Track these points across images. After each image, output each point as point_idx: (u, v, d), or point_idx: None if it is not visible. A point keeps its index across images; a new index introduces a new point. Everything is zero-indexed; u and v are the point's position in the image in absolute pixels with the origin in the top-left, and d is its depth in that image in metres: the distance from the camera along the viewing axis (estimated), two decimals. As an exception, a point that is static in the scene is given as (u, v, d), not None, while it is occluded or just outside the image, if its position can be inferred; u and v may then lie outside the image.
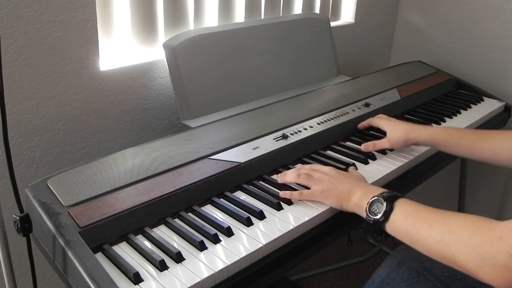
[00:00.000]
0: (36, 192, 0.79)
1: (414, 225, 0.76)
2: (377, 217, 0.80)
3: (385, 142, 1.11)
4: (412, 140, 1.09)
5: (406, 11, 1.89)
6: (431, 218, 0.75)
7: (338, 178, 0.90)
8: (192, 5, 1.24)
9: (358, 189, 0.87)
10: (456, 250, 0.69)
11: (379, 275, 1.01)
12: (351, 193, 0.87)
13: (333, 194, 0.88)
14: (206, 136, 1.02)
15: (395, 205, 0.80)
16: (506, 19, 1.61)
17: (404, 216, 0.78)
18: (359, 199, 0.85)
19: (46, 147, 1.05)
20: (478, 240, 0.67)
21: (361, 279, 1.84)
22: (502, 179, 1.76)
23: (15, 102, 0.98)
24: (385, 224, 0.80)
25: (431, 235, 0.73)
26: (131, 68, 1.15)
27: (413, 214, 0.77)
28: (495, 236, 0.66)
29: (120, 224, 0.78)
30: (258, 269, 0.77)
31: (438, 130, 1.08)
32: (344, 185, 0.89)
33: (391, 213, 0.79)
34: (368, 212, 0.82)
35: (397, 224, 0.78)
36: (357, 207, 0.85)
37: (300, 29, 1.41)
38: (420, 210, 0.77)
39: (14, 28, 0.93)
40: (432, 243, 0.73)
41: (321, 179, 0.91)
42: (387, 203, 0.80)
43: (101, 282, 0.65)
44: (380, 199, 0.81)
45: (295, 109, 1.20)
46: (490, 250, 0.65)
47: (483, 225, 0.68)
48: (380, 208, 0.80)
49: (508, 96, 1.65)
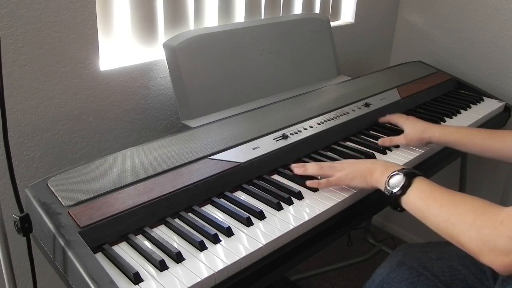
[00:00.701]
0: (36, 192, 0.79)
1: (427, 203, 0.80)
2: (395, 190, 0.84)
3: (401, 138, 1.15)
4: (427, 139, 1.13)
5: (406, 11, 1.89)
6: (443, 198, 0.78)
7: (357, 162, 0.96)
8: (192, 5, 1.24)
9: (379, 165, 0.91)
10: (461, 230, 0.72)
11: (379, 274, 1.01)
12: (373, 168, 0.91)
13: (357, 174, 0.92)
14: (206, 136, 1.02)
15: (413, 181, 0.83)
16: (506, 19, 1.61)
17: (419, 194, 0.82)
18: (380, 174, 0.89)
19: (46, 147, 1.05)
20: (481, 223, 0.70)
21: (361, 279, 1.84)
22: (502, 179, 1.76)
23: (15, 102, 0.98)
24: (401, 198, 0.83)
25: (440, 214, 0.77)
26: (131, 68, 1.15)
27: (427, 193, 0.81)
28: (497, 220, 0.68)
29: (120, 224, 0.78)
30: (258, 269, 0.77)
31: (451, 130, 1.13)
32: (365, 164, 0.94)
33: (408, 188, 0.83)
34: (387, 185, 0.86)
35: (411, 200, 0.82)
36: (378, 182, 0.89)
37: (300, 29, 1.41)
38: (434, 190, 0.81)
39: (14, 28, 0.93)
40: (440, 221, 0.76)
41: (343, 166, 0.95)
42: (406, 178, 0.83)
43: (101, 282, 0.65)
44: (400, 173, 0.85)
45: (295, 109, 1.20)
46: (491, 233, 0.68)
47: (488, 209, 0.71)
48: (399, 182, 0.84)
49: (508, 96, 1.65)
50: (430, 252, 1.02)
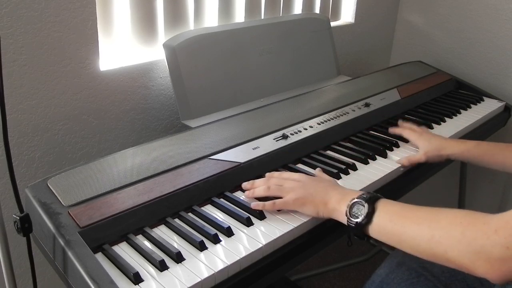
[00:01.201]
0: (36, 192, 0.79)
1: (401, 225, 0.72)
2: (359, 219, 0.76)
3: (421, 157, 1.09)
4: (446, 156, 1.10)
5: (406, 11, 1.89)
6: (418, 216, 0.72)
7: (310, 184, 0.86)
8: (192, 5, 1.24)
9: (333, 193, 0.83)
10: (448, 246, 0.67)
11: (379, 275, 1.01)
12: (327, 197, 0.83)
13: (307, 201, 0.84)
14: (206, 136, 1.02)
15: (377, 205, 0.77)
16: (506, 19, 1.61)
17: (388, 216, 0.75)
18: (336, 203, 0.81)
19: (46, 147, 1.05)
20: (472, 234, 0.65)
21: (361, 279, 1.84)
22: (502, 179, 1.76)
23: (15, 102, 0.98)
24: (368, 226, 0.76)
25: (420, 234, 0.70)
26: (131, 68, 1.15)
27: (398, 213, 0.74)
28: (489, 229, 0.64)
29: (120, 224, 0.78)
30: (258, 269, 0.77)
31: (471, 146, 1.09)
32: (319, 190, 0.84)
33: (373, 215, 0.76)
34: (349, 215, 0.78)
35: (382, 226, 0.75)
36: (336, 212, 0.81)
37: (300, 29, 1.41)
38: (404, 209, 0.75)
39: (14, 28, 0.93)
40: (421, 241, 0.70)
41: (293, 187, 0.86)
42: (368, 204, 0.76)
43: (101, 282, 0.65)
44: (360, 201, 0.78)
45: (295, 109, 1.20)
46: (485, 243, 0.64)
47: (475, 219, 0.66)
48: (362, 210, 0.77)
49: (508, 96, 1.65)
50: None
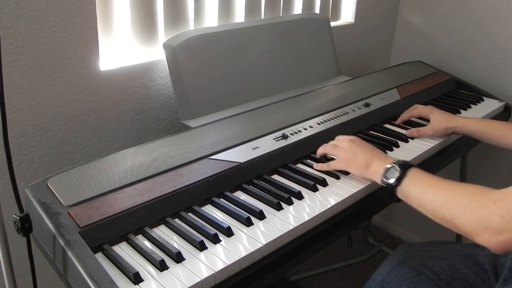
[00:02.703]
0: (36, 192, 0.79)
1: (422, 190, 0.82)
2: (391, 181, 0.87)
3: (428, 129, 1.21)
4: (452, 129, 1.19)
5: (406, 11, 1.89)
6: (437, 184, 0.81)
7: (358, 147, 0.98)
8: (192, 5, 1.24)
9: (376, 157, 0.94)
10: (456, 213, 0.75)
11: (380, 274, 1.01)
12: (370, 161, 0.94)
13: (353, 162, 0.96)
14: (206, 136, 1.02)
15: (408, 172, 0.86)
16: (506, 19, 1.61)
17: (414, 182, 0.85)
18: (377, 166, 0.92)
19: (46, 147, 1.05)
20: (476, 204, 0.73)
21: (361, 279, 1.84)
22: (502, 179, 1.76)
23: (15, 102, 0.98)
24: (397, 188, 0.87)
25: (436, 199, 0.79)
26: (131, 68, 1.15)
27: (422, 180, 0.84)
28: (490, 200, 0.72)
29: (120, 224, 0.78)
30: (258, 269, 0.77)
31: (474, 120, 1.18)
32: (365, 153, 0.96)
33: (403, 179, 0.86)
34: (383, 177, 0.89)
35: (407, 189, 0.85)
36: (375, 174, 0.92)
37: (300, 29, 1.41)
38: (429, 177, 0.84)
39: (14, 28, 0.93)
40: (436, 206, 0.79)
41: (345, 147, 0.99)
42: (401, 169, 0.87)
43: (101, 282, 0.65)
44: (395, 166, 0.88)
45: (295, 109, 1.20)
46: (485, 213, 0.71)
47: (481, 191, 0.74)
48: (394, 173, 0.87)
49: (508, 96, 1.65)
50: (431, 251, 1.02)
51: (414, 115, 1.30)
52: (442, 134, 1.20)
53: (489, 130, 1.15)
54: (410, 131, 1.21)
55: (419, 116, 1.29)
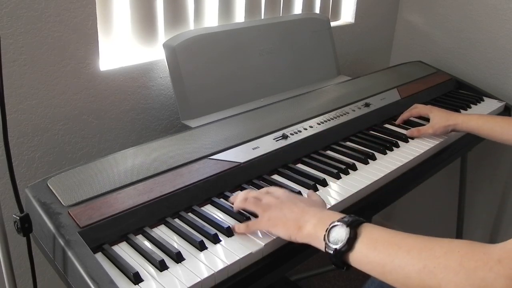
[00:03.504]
0: (36, 192, 0.79)
1: (387, 253, 0.64)
2: (338, 246, 0.67)
3: (428, 128, 1.20)
4: (452, 126, 1.19)
5: (406, 11, 1.89)
6: (407, 243, 0.64)
7: (287, 203, 0.78)
8: (192, 5, 1.24)
9: (309, 216, 0.74)
10: (443, 278, 0.59)
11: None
12: (302, 221, 0.74)
13: (280, 222, 0.76)
14: (206, 136, 1.02)
15: (361, 230, 0.68)
16: (506, 19, 1.61)
17: (372, 244, 0.66)
18: (312, 228, 0.72)
19: (46, 147, 1.05)
20: (472, 265, 0.57)
21: (361, 279, 1.84)
22: (502, 179, 1.76)
23: (15, 102, 0.98)
24: (348, 254, 0.67)
25: (410, 263, 0.62)
26: (131, 68, 1.15)
27: (384, 240, 0.66)
28: (492, 259, 0.57)
29: (120, 224, 0.78)
30: (258, 269, 0.77)
31: (473, 117, 1.18)
32: (295, 211, 0.76)
33: (356, 241, 0.67)
34: (328, 241, 0.69)
35: (364, 253, 0.66)
36: (311, 238, 0.72)
37: (300, 29, 1.41)
38: (392, 235, 0.66)
39: (14, 28, 0.93)
40: (412, 272, 0.61)
41: (270, 204, 0.79)
42: (350, 229, 0.68)
43: (101, 282, 0.65)
44: (341, 224, 0.69)
45: (295, 109, 1.20)
46: (487, 275, 0.56)
47: (474, 248, 0.59)
48: (341, 235, 0.68)
49: (508, 96, 1.65)
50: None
51: (414, 115, 1.30)
52: (442, 132, 1.20)
53: (489, 126, 1.14)
54: (410, 131, 1.21)
55: (419, 115, 1.30)
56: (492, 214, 1.81)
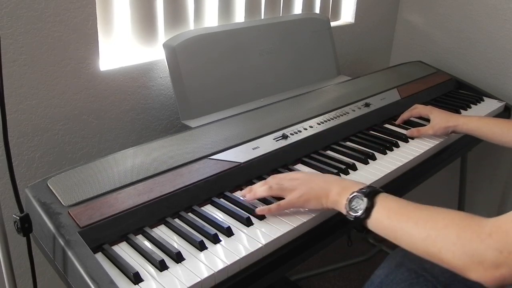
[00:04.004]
0: (36, 192, 0.79)
1: (398, 221, 0.73)
2: (358, 214, 0.77)
3: (428, 128, 1.20)
4: (452, 127, 1.19)
5: (406, 11, 1.89)
6: (416, 214, 0.72)
7: (310, 179, 0.87)
8: (192, 5, 1.24)
9: (334, 184, 0.83)
10: (443, 247, 0.67)
11: (378, 276, 1.01)
12: (328, 189, 0.83)
13: (311, 196, 0.84)
14: (206, 136, 1.02)
15: (376, 200, 0.77)
16: (506, 19, 1.61)
17: (386, 212, 0.75)
18: (337, 195, 0.82)
19: (46, 147, 1.05)
20: (467, 236, 0.65)
21: (361, 279, 1.84)
22: (502, 179, 1.76)
23: (15, 102, 0.98)
24: (366, 220, 0.77)
25: (417, 232, 0.70)
26: (131, 68, 1.15)
27: (396, 210, 0.74)
28: (483, 232, 0.64)
29: (120, 224, 0.78)
30: (258, 269, 0.77)
31: (473, 119, 1.18)
32: (319, 183, 0.85)
33: (372, 210, 0.76)
34: (348, 209, 0.79)
35: (380, 221, 0.75)
36: (336, 204, 0.82)
37: (300, 29, 1.41)
38: (403, 206, 0.75)
39: (14, 28, 0.93)
40: (418, 240, 0.70)
41: (294, 184, 0.87)
42: (368, 199, 0.77)
43: (101, 282, 0.65)
44: (360, 195, 0.78)
45: (295, 109, 1.20)
46: (478, 246, 0.63)
47: (471, 222, 0.66)
48: (361, 204, 0.77)
49: (508, 96, 1.65)
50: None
51: (414, 115, 1.30)
52: (442, 133, 1.20)
53: (489, 128, 1.14)
54: (410, 131, 1.22)
55: (419, 116, 1.30)
56: (492, 214, 1.80)
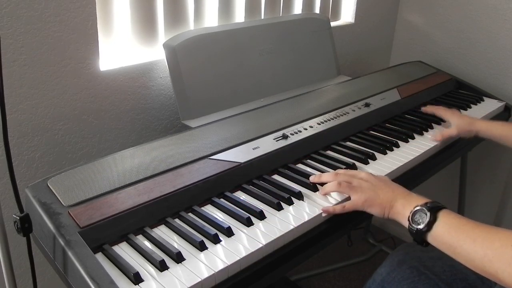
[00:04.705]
0: (36, 192, 0.79)
1: (458, 238, 0.75)
2: (420, 227, 0.79)
3: (453, 130, 1.21)
4: (474, 132, 1.21)
5: (406, 11, 1.89)
6: (474, 233, 0.74)
7: (378, 185, 0.89)
8: (192, 5, 1.24)
9: (400, 196, 0.86)
10: (500, 268, 0.69)
11: (380, 274, 1.01)
12: (394, 201, 0.86)
13: (376, 203, 0.87)
14: (206, 136, 1.02)
15: (439, 216, 0.79)
16: (506, 19, 1.61)
17: (447, 228, 0.77)
18: (401, 207, 0.84)
19: (46, 147, 1.05)
20: None
21: (361, 279, 1.84)
22: (502, 179, 1.76)
23: (15, 102, 0.98)
24: (427, 234, 0.79)
25: (474, 250, 0.72)
26: (131, 68, 1.15)
27: (456, 227, 0.77)
28: None
29: (120, 224, 0.78)
30: (258, 269, 0.77)
31: (496, 125, 1.20)
32: (386, 192, 0.88)
33: (434, 224, 0.78)
34: (411, 221, 0.81)
35: (440, 235, 0.78)
36: (399, 215, 0.85)
37: (300, 29, 1.41)
38: (463, 223, 0.77)
39: (14, 28, 0.93)
40: (475, 258, 0.72)
41: (362, 186, 0.89)
42: (431, 213, 0.79)
43: (101, 282, 0.65)
44: (424, 209, 0.80)
45: (295, 109, 1.20)
46: None
47: None
48: (424, 218, 0.79)
49: (508, 96, 1.65)
50: (431, 251, 1.02)
51: (436, 114, 1.32)
52: (466, 135, 1.22)
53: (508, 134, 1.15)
54: (434, 135, 1.21)
55: (440, 116, 1.31)
56: (492, 214, 1.81)
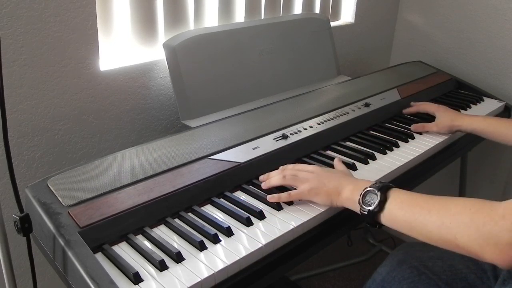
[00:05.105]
0: (36, 192, 0.79)
1: (412, 212, 0.75)
2: (371, 207, 0.79)
3: (432, 125, 1.22)
4: (456, 127, 1.20)
5: (406, 11, 1.89)
6: (428, 204, 0.74)
7: (324, 175, 0.89)
8: (192, 5, 1.24)
9: (347, 183, 0.86)
10: (458, 232, 0.69)
11: (380, 273, 1.01)
12: (340, 187, 0.85)
13: (321, 191, 0.87)
14: (206, 136, 1.02)
15: (389, 194, 0.79)
16: (506, 19, 1.61)
17: (399, 205, 0.77)
18: (350, 193, 0.84)
19: (46, 147, 1.05)
20: (480, 220, 0.67)
21: (361, 279, 1.84)
22: (502, 179, 1.76)
23: (15, 102, 0.98)
24: (380, 214, 0.79)
25: (431, 220, 0.72)
26: (131, 68, 1.15)
27: (409, 202, 0.77)
28: (497, 215, 0.66)
29: (120, 224, 0.78)
30: (258, 269, 0.77)
31: (478, 119, 1.20)
32: (332, 180, 0.87)
33: (386, 203, 0.78)
34: (362, 203, 0.81)
35: (393, 213, 0.77)
36: (349, 201, 0.84)
37: (300, 29, 1.41)
38: (415, 197, 0.77)
39: (14, 28, 0.93)
40: (432, 228, 0.72)
41: (307, 177, 0.89)
42: (381, 193, 0.79)
43: (101, 282, 0.65)
44: (373, 189, 0.80)
45: (295, 109, 1.20)
46: (493, 229, 0.66)
47: (483, 206, 0.69)
48: (374, 198, 0.79)
49: (508, 96, 1.65)
50: (431, 251, 1.02)
51: (421, 110, 1.33)
52: (447, 131, 1.22)
53: (493, 128, 1.16)
54: (415, 125, 1.23)
55: (425, 112, 1.32)
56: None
